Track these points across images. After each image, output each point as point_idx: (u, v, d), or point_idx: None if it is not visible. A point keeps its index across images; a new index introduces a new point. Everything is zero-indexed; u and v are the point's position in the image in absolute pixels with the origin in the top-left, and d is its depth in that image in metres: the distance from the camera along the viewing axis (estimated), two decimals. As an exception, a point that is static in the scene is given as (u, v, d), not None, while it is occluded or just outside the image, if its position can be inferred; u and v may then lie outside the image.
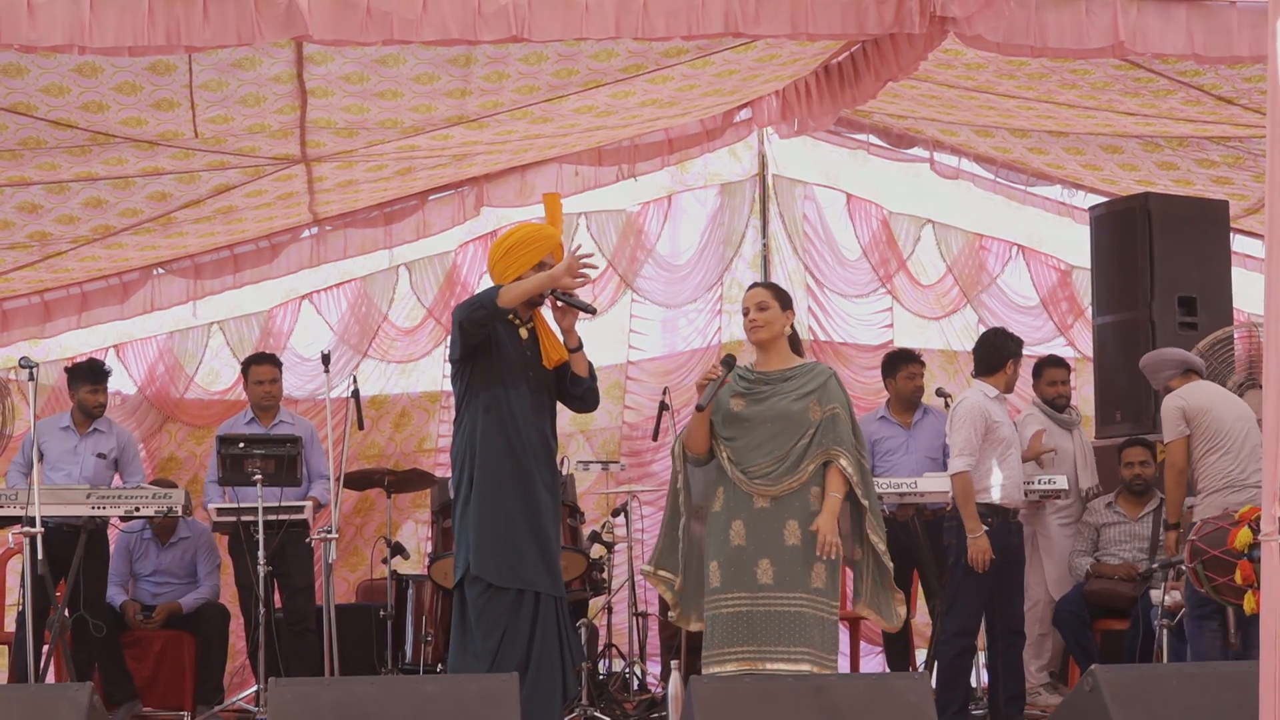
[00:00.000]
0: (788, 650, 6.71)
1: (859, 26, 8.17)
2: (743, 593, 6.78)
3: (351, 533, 11.93)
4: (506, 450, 7.13)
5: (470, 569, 7.07)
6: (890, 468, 10.23)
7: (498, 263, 7.32)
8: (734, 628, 6.77)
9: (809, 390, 6.93)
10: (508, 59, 8.91)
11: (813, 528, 6.75)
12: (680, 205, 12.85)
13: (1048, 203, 12.91)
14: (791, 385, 6.95)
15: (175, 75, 8.55)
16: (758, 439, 6.90)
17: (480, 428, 7.16)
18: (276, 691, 5.79)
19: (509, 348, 7.22)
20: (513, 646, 6.97)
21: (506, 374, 7.17)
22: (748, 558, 6.80)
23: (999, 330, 9.42)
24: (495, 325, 7.16)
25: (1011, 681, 8.84)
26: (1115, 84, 10.15)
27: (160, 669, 10.27)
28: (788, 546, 6.79)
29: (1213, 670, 6.50)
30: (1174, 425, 8.88)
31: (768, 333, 7.04)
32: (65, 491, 9.08)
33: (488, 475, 7.13)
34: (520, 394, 7.18)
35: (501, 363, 7.18)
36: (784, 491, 6.81)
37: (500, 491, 7.10)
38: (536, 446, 7.23)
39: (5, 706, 5.64)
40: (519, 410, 7.18)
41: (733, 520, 6.86)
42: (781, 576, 6.76)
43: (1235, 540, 7.65)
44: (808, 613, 6.76)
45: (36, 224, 10.28)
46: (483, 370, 7.18)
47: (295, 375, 11.43)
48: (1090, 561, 9.90)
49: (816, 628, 6.77)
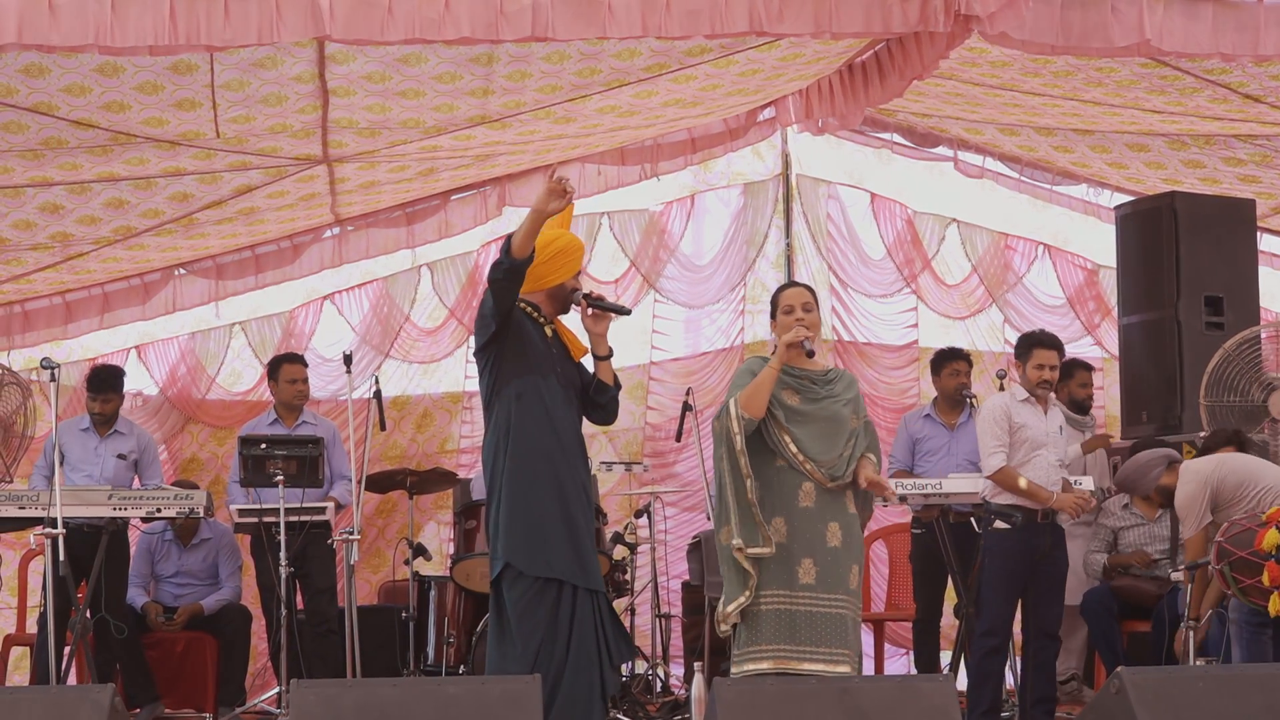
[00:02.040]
0: (829, 651, 6.78)
1: (883, 25, 8.15)
2: (783, 590, 6.83)
3: (373, 534, 11.91)
4: (543, 437, 7.00)
5: (502, 558, 6.93)
6: (930, 468, 10.17)
7: (544, 264, 7.10)
8: (774, 625, 6.81)
9: (850, 397, 7.09)
10: (530, 58, 8.89)
11: (864, 483, 6.92)
12: (703, 205, 12.82)
13: (1073, 202, 12.86)
14: (837, 389, 7.08)
15: (197, 75, 8.54)
16: (816, 433, 6.97)
17: (514, 415, 7.00)
18: (298, 693, 5.77)
19: (537, 339, 7.13)
20: (552, 647, 6.86)
21: (537, 363, 7.06)
22: (790, 556, 6.85)
23: (1025, 333, 9.28)
24: (522, 319, 7.08)
25: (1041, 684, 8.76)
26: (1141, 82, 10.10)
27: (182, 670, 10.26)
28: (830, 548, 6.86)
29: (1240, 672, 6.46)
30: (1194, 508, 8.52)
31: (815, 333, 7.11)
32: (87, 493, 9.07)
33: (522, 463, 6.97)
34: (551, 384, 7.08)
35: (532, 352, 7.06)
36: (838, 487, 6.93)
37: (536, 480, 6.95)
38: (571, 437, 7.13)
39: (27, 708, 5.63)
40: (551, 400, 7.06)
41: (772, 517, 6.89)
42: (824, 577, 6.82)
43: (1263, 542, 7.61)
44: (847, 614, 6.85)
45: (58, 225, 10.28)
46: (512, 359, 7.04)
47: (317, 376, 11.42)
48: (1105, 558, 9.85)
49: (854, 629, 6.89)
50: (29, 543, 10.49)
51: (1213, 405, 10.05)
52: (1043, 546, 8.68)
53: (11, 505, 8.96)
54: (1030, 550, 8.63)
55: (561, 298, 7.27)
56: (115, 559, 9.36)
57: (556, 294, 7.25)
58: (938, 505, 9.49)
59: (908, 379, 12.77)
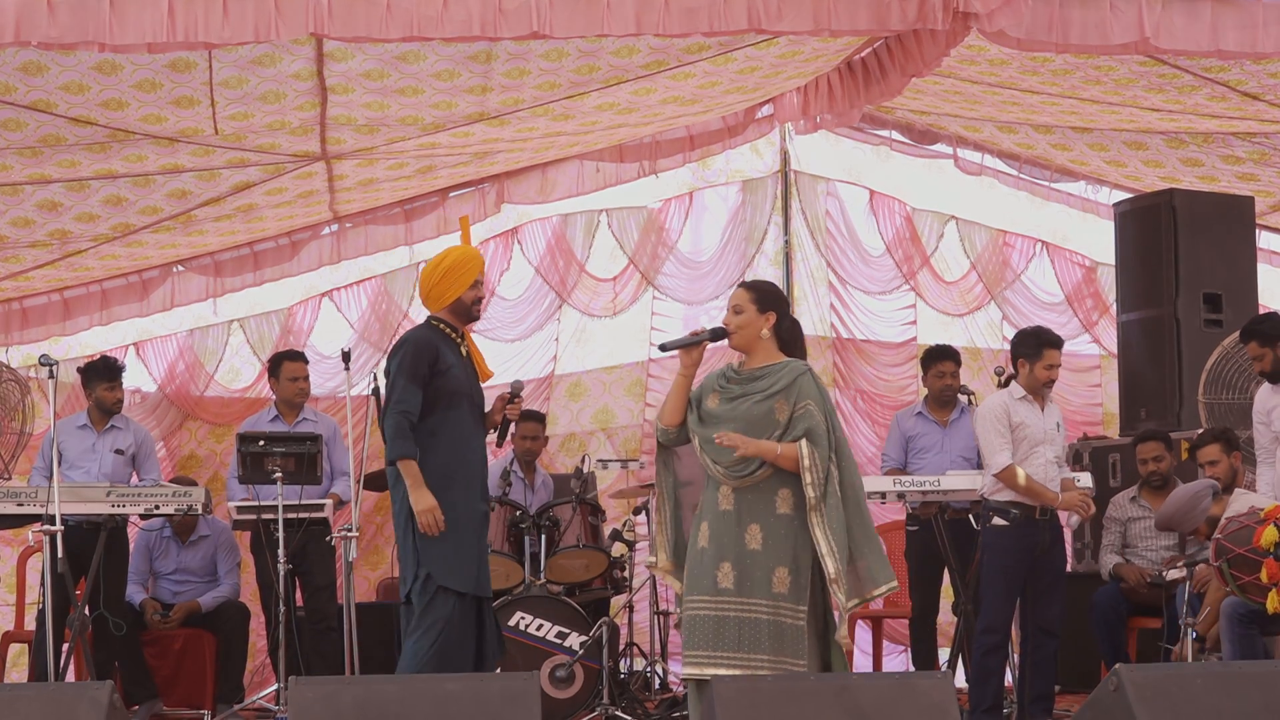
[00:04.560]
0: (745, 657, 6.55)
1: (881, 23, 8.14)
2: (706, 596, 6.63)
3: (372, 531, 11.92)
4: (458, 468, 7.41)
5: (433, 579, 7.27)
6: (924, 465, 10.18)
7: (436, 284, 7.47)
8: (698, 630, 6.63)
9: (775, 390, 6.71)
10: (529, 55, 8.89)
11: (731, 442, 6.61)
12: (702, 202, 12.83)
13: (1072, 199, 12.87)
14: (759, 385, 6.76)
15: (195, 72, 8.54)
16: None
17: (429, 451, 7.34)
18: (297, 690, 5.77)
19: (456, 369, 7.41)
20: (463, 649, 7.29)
21: (454, 395, 7.39)
22: (712, 561, 6.65)
23: (1021, 330, 9.24)
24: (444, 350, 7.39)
25: (1039, 681, 8.77)
26: (1140, 80, 10.10)
27: (180, 667, 10.26)
28: (749, 551, 6.62)
29: (1239, 670, 6.44)
30: None
31: (740, 337, 6.83)
32: (85, 490, 9.06)
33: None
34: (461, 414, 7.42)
35: (450, 384, 7.37)
36: (747, 484, 6.65)
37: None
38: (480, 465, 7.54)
39: (25, 705, 5.62)
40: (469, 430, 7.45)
41: (701, 522, 6.75)
42: (741, 581, 6.59)
43: (1261, 538, 7.61)
44: (764, 619, 6.57)
45: (56, 222, 10.28)
46: (431, 394, 7.35)
47: (316, 373, 11.40)
48: (1116, 561, 9.83)
49: (780, 636, 6.57)
50: (27, 540, 10.49)
51: (1211, 403, 10.07)
52: (1041, 543, 8.68)
53: (10, 502, 8.96)
54: (1029, 547, 8.64)
55: (463, 310, 7.53)
56: (114, 556, 9.36)
57: (457, 308, 7.51)
58: (935, 502, 9.49)
59: (906, 376, 12.78)
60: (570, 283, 12.47)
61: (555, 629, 9.11)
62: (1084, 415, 12.81)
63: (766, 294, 6.92)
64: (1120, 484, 10.38)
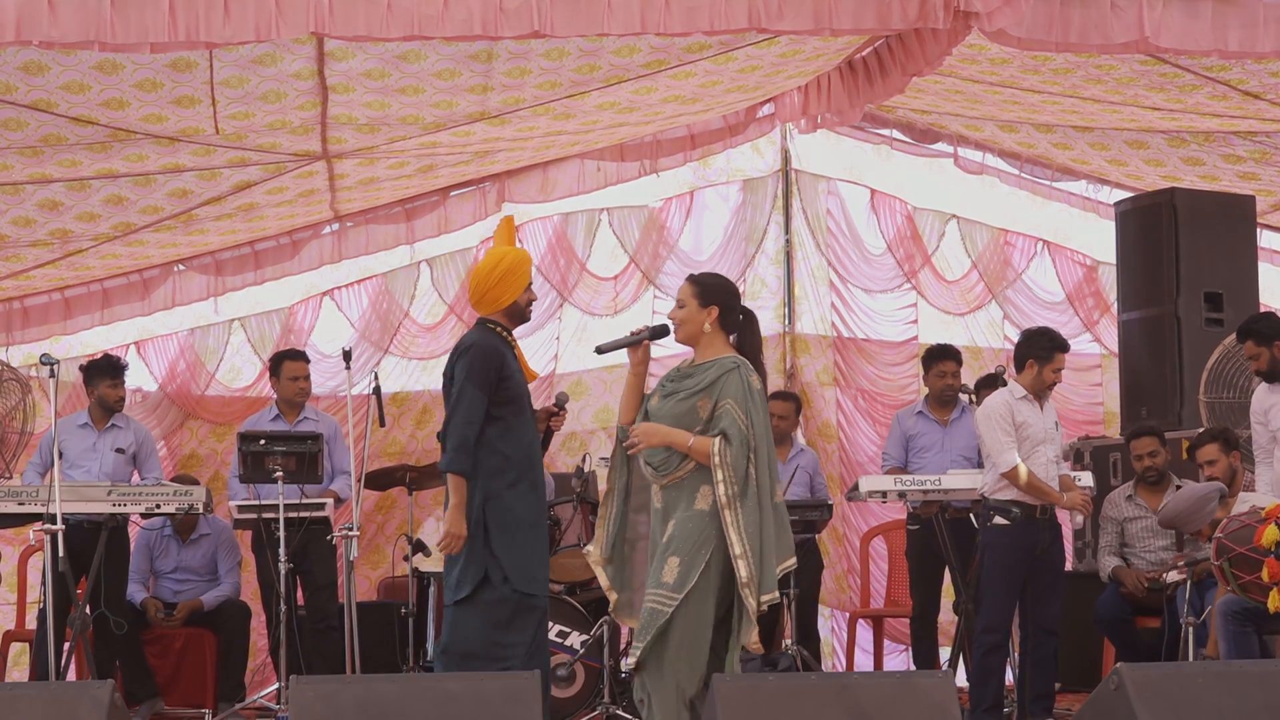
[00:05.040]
0: None
1: (882, 22, 8.14)
2: (651, 588, 6.64)
3: (373, 530, 11.91)
4: None
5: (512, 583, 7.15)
6: (924, 465, 10.18)
7: (493, 288, 7.34)
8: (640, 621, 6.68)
9: (700, 388, 6.61)
10: (529, 55, 8.89)
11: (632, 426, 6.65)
12: (703, 201, 12.82)
13: (1073, 198, 12.86)
14: (687, 383, 6.68)
15: (196, 72, 8.54)
16: None
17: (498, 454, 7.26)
18: (298, 689, 5.77)
19: (518, 373, 7.36)
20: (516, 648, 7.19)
21: (519, 400, 7.33)
22: (651, 555, 6.72)
23: (1030, 330, 9.24)
24: (507, 355, 7.32)
25: (1039, 680, 8.78)
26: (1141, 79, 10.10)
27: (181, 666, 10.26)
28: (662, 544, 6.63)
29: (1240, 669, 6.43)
30: None
31: (683, 332, 6.75)
32: (86, 489, 9.07)
33: None
34: (525, 418, 7.36)
35: (514, 389, 7.30)
36: (671, 481, 6.63)
37: None
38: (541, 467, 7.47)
39: (27, 704, 5.62)
40: (533, 433, 7.39)
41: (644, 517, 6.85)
42: (654, 572, 6.62)
43: (1262, 537, 7.60)
44: (654, 608, 6.54)
45: (57, 221, 10.28)
46: (499, 398, 7.27)
47: (316, 372, 11.39)
48: (1116, 563, 9.81)
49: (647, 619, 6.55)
50: (28, 539, 10.49)
51: (1212, 402, 10.07)
52: (1041, 542, 8.69)
53: (11, 501, 8.97)
54: (1029, 546, 8.64)
55: (517, 314, 7.47)
56: (115, 555, 9.36)
57: (511, 312, 7.44)
58: (936, 502, 9.49)
59: (907, 375, 12.77)
60: (571, 282, 12.47)
61: (556, 628, 9.09)
62: (1085, 414, 12.79)
63: (709, 287, 6.78)
64: (1121, 483, 10.37)
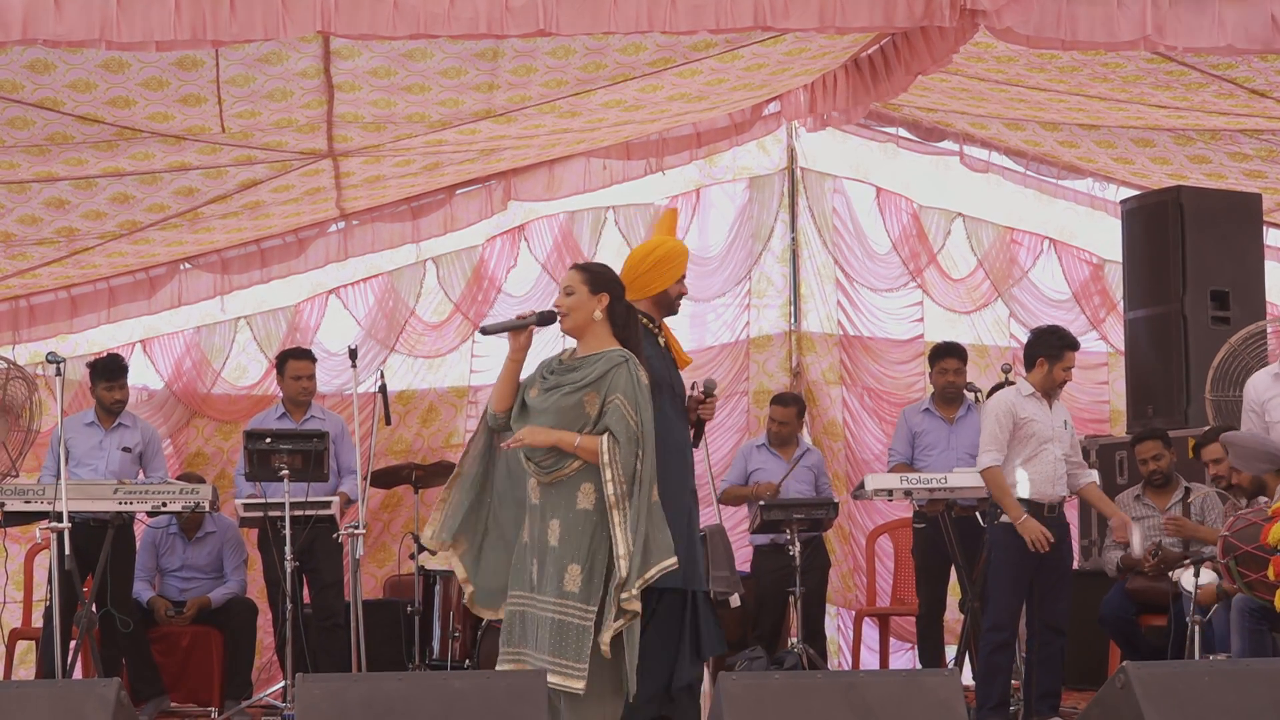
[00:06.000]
0: (525, 654, 6.38)
1: (888, 20, 8.13)
2: (522, 591, 6.46)
3: (379, 528, 11.92)
4: None
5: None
6: (929, 462, 10.18)
7: (646, 273, 7.03)
8: (510, 626, 6.46)
9: (587, 382, 6.39)
10: (535, 53, 8.89)
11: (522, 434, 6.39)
12: (709, 199, 12.82)
13: (1079, 196, 12.84)
14: (573, 376, 6.46)
15: (202, 70, 8.54)
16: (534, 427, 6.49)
17: None
18: (304, 687, 5.77)
19: (654, 359, 6.92)
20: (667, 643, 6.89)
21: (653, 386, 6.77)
22: (526, 555, 6.48)
23: (1041, 329, 9.19)
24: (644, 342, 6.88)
25: (1046, 679, 8.76)
26: (1147, 77, 10.09)
27: (188, 664, 10.28)
28: (550, 547, 6.39)
29: (1246, 667, 6.43)
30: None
31: (571, 321, 6.49)
32: (92, 487, 9.08)
33: None
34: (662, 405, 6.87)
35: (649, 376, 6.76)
36: (554, 480, 6.40)
37: None
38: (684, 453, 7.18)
39: (33, 702, 5.63)
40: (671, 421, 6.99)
41: (524, 516, 6.55)
42: (542, 577, 6.38)
43: (1269, 536, 7.60)
44: (550, 617, 6.33)
45: (64, 220, 10.28)
46: None
47: (322, 370, 11.39)
48: (1120, 555, 9.81)
49: (564, 636, 6.31)
50: (35, 537, 10.50)
51: (1218, 400, 10.06)
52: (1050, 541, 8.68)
53: (17, 499, 8.98)
54: (1035, 546, 8.63)
55: (666, 304, 7.17)
56: (121, 553, 9.37)
57: (661, 300, 7.14)
58: (942, 500, 9.49)
59: (913, 373, 12.76)
60: (577, 279, 12.44)
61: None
62: (1091, 413, 12.79)
63: (599, 275, 6.58)
64: (1127, 481, 10.37)
